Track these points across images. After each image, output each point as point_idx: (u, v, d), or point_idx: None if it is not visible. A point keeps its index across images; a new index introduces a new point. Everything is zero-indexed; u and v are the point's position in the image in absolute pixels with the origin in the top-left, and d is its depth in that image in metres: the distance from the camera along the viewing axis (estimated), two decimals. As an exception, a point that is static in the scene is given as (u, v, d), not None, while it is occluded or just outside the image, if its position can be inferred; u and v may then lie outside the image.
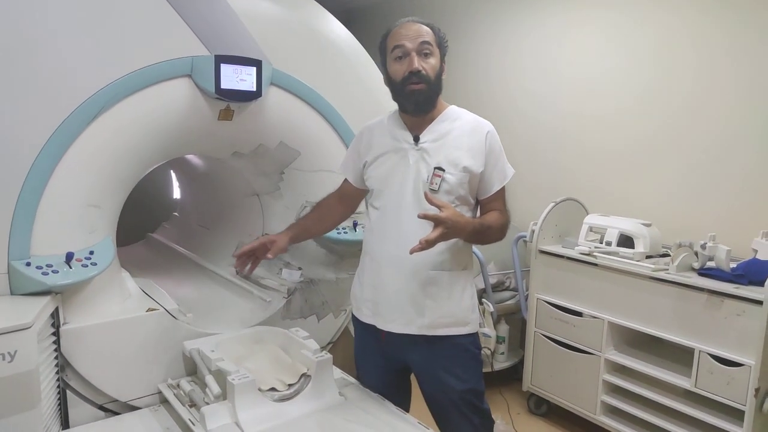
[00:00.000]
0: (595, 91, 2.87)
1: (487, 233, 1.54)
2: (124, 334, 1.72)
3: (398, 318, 1.57)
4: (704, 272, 2.08)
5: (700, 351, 2.00)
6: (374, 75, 2.44)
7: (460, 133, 1.56)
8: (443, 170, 1.51)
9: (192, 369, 1.84)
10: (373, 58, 2.46)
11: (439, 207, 1.41)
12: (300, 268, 2.29)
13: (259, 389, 1.58)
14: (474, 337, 1.64)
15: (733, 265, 2.05)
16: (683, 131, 2.52)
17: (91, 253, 1.64)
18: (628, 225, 2.35)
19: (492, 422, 1.72)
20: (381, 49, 1.61)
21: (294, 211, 2.28)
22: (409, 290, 1.55)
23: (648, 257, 2.27)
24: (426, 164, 1.53)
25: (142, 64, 1.70)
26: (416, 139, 1.56)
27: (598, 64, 2.85)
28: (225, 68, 1.83)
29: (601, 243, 2.40)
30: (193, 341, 1.82)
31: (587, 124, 2.91)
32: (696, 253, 2.13)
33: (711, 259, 2.11)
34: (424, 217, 1.40)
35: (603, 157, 2.85)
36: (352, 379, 1.86)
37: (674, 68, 2.53)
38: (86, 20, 1.62)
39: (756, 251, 2.08)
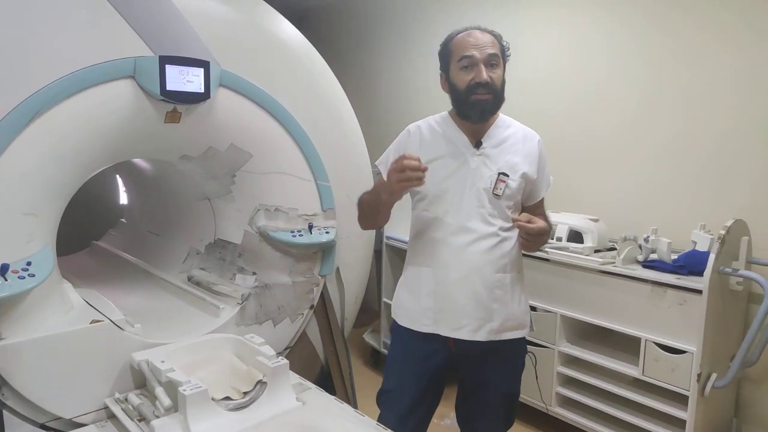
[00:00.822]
0: (544, 89, 2.94)
1: (545, 237, 1.56)
2: (66, 348, 1.64)
3: (468, 324, 1.54)
4: (648, 264, 2.16)
5: (646, 340, 2.08)
6: (327, 76, 2.42)
7: (515, 140, 1.59)
8: (507, 176, 1.52)
9: (141, 382, 1.77)
10: (325, 59, 2.45)
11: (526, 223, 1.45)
12: (254, 273, 2.25)
13: (213, 399, 1.54)
14: (525, 341, 1.68)
15: (674, 256, 2.15)
16: (628, 131, 2.61)
17: (29, 263, 1.55)
18: (577, 221, 2.42)
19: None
20: (442, 54, 1.59)
21: (247, 214, 2.24)
22: (477, 295, 1.53)
23: (596, 251, 2.34)
24: (488, 169, 1.53)
25: (80, 66, 1.63)
26: (478, 144, 1.56)
27: (547, 61, 2.92)
28: (170, 69, 1.78)
29: (552, 239, 2.46)
30: (141, 352, 1.75)
31: (537, 122, 2.97)
32: (640, 246, 2.22)
33: (654, 251, 2.19)
34: (518, 226, 1.45)
35: (552, 155, 2.91)
36: (310, 384, 1.84)
37: (624, 69, 2.61)
38: (20, 19, 1.54)
39: (695, 243, 2.17)
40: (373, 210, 1.61)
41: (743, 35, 2.21)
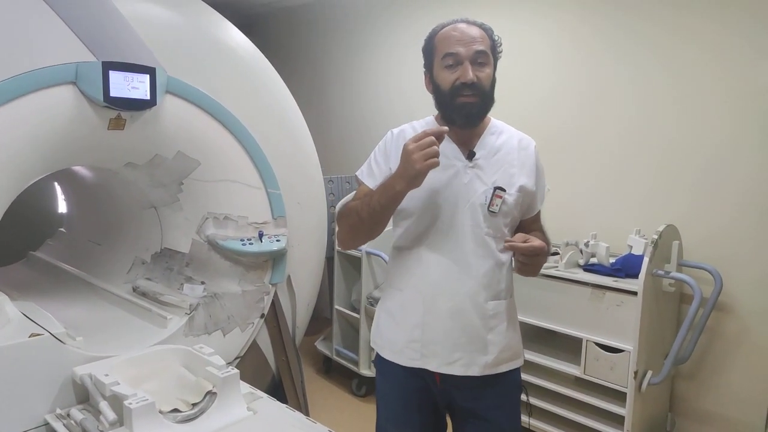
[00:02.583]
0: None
1: (544, 257, 1.37)
2: (3, 364, 1.57)
3: (460, 358, 1.36)
4: (588, 268, 2.26)
5: (586, 340, 2.17)
6: (277, 83, 2.42)
7: (509, 148, 1.41)
8: (504, 190, 1.35)
9: (84, 396, 1.72)
10: (274, 66, 2.45)
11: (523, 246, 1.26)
12: (203, 283, 2.21)
13: (160, 411, 1.51)
14: (520, 370, 1.49)
15: (612, 260, 2.25)
16: (570, 142, 2.72)
17: (-38, 276, 1.49)
18: (522, 227, 2.50)
19: None
20: (426, 50, 1.40)
21: (195, 223, 2.21)
22: (470, 325, 1.36)
23: (540, 256, 2.43)
24: (482, 183, 1.36)
25: (18, 71, 1.58)
26: (470, 155, 1.38)
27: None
28: (114, 75, 1.74)
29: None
30: (84, 366, 1.70)
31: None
32: (581, 251, 2.32)
33: (593, 255, 2.30)
34: (512, 247, 1.26)
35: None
36: (261, 393, 1.82)
37: (567, 79, 2.72)
38: (-50, 21, 1.48)
39: (631, 247, 2.29)
40: (377, 213, 1.31)
41: (680, 50, 2.34)
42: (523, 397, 1.55)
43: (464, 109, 1.33)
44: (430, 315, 1.37)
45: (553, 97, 2.77)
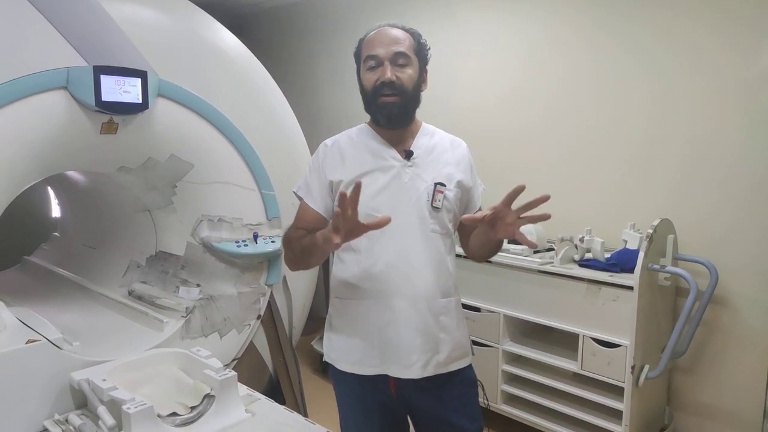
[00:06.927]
0: (491, 98, 3.03)
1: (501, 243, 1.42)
2: (0, 370, 1.56)
3: (417, 360, 1.36)
4: (584, 263, 2.27)
5: (583, 335, 2.18)
6: (269, 84, 2.42)
7: (443, 147, 1.45)
8: (444, 185, 1.39)
9: (82, 401, 1.71)
10: (265, 66, 2.44)
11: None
12: (198, 285, 2.21)
13: (159, 415, 1.51)
14: (472, 367, 1.51)
15: (607, 254, 2.26)
16: (561, 137, 2.74)
17: (-44, 284, 1.48)
18: (517, 223, 2.50)
19: None
20: (356, 56, 1.45)
21: (189, 225, 2.20)
22: (425, 325, 1.36)
23: (535, 252, 2.44)
24: (423, 181, 1.39)
25: (9, 77, 1.57)
26: (408, 155, 1.41)
27: (476, 66, 3.01)
28: (106, 80, 1.74)
29: (494, 241, 2.53)
30: (81, 371, 1.69)
31: (486, 136, 3.07)
32: (576, 246, 2.32)
33: (588, 250, 2.30)
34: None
35: (492, 161, 3.01)
36: (259, 395, 1.82)
37: (537, 72, 2.74)
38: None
39: (626, 241, 2.30)
40: (306, 253, 1.37)
41: (652, 43, 2.36)
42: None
43: (385, 109, 1.36)
44: (384, 319, 1.37)
45: (555, 95, 2.78)
